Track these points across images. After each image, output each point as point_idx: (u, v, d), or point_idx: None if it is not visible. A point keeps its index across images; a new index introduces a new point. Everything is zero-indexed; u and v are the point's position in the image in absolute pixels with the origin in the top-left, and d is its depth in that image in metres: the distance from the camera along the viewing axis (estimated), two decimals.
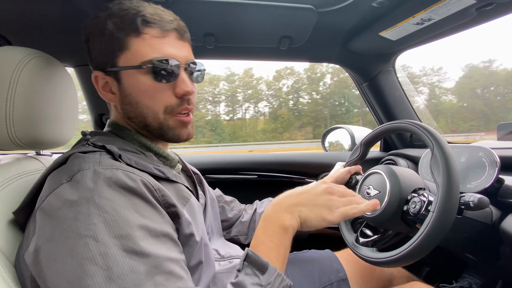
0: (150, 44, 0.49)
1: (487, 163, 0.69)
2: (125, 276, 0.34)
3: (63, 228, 0.36)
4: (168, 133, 0.53)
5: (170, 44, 0.50)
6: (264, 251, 0.46)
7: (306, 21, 0.85)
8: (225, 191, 0.90)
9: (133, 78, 0.50)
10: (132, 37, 0.48)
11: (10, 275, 0.41)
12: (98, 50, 0.51)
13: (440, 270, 1.05)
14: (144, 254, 0.37)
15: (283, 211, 0.50)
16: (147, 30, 0.49)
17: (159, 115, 0.51)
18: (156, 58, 0.48)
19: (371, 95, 1.21)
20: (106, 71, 0.51)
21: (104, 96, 0.54)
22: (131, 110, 0.52)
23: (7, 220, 0.46)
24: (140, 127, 0.54)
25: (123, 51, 0.49)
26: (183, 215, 0.47)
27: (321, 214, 0.51)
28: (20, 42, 0.82)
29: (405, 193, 0.64)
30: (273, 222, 0.49)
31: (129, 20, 0.48)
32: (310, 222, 0.50)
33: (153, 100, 0.50)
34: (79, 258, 0.34)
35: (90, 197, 0.37)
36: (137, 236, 0.37)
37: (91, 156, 0.43)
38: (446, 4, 0.69)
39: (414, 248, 0.53)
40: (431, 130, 0.60)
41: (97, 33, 0.50)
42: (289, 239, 0.49)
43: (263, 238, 0.48)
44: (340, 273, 0.79)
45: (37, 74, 0.53)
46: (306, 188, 0.54)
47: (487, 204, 0.55)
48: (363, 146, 0.80)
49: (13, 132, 0.51)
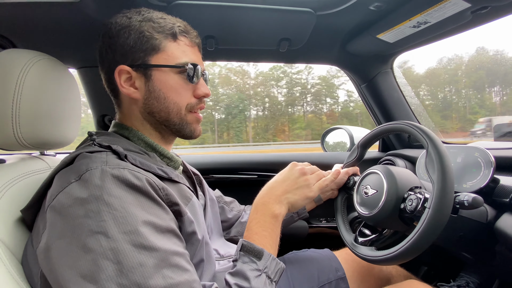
0: (183, 50, 0.56)
1: (482, 163, 0.70)
2: (135, 269, 0.36)
3: (75, 225, 0.38)
4: (185, 128, 0.59)
5: (195, 54, 0.59)
6: (258, 240, 0.53)
7: (305, 24, 0.86)
8: (225, 191, 0.91)
9: (166, 76, 0.55)
10: (169, 41, 0.55)
11: (17, 271, 0.42)
12: (129, 46, 0.53)
13: (437, 269, 1.06)
14: (152, 248, 0.38)
15: (273, 201, 0.59)
16: (182, 38, 0.56)
17: (181, 110, 0.57)
18: (189, 62, 0.55)
19: (370, 96, 1.22)
20: (135, 66, 0.54)
21: (125, 90, 0.55)
22: (156, 105, 0.56)
23: (14, 218, 0.47)
24: (160, 122, 0.57)
25: (158, 51, 0.54)
26: (186, 214, 0.49)
27: (304, 193, 0.63)
28: (25, 44, 0.83)
29: (402, 191, 0.65)
30: (264, 213, 0.58)
31: (168, 26, 0.55)
32: (296, 203, 0.62)
33: (180, 97, 0.56)
34: (91, 253, 0.36)
35: (99, 195, 0.39)
36: (145, 231, 0.39)
37: (98, 156, 0.45)
38: (442, 8, 0.70)
39: (412, 244, 0.54)
40: (425, 130, 0.61)
41: (131, 31, 0.53)
42: (279, 226, 0.58)
43: (256, 228, 0.55)
44: (339, 272, 0.80)
45: (42, 76, 0.55)
46: (285, 176, 0.65)
47: (481, 203, 0.56)
48: (360, 147, 0.81)
49: (19, 133, 0.52)
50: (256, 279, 0.47)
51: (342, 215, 0.81)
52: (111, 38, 0.54)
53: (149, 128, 0.58)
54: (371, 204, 0.70)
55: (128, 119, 0.58)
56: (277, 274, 0.51)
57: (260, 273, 0.48)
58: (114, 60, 0.54)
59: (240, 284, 0.47)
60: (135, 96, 0.55)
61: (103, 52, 0.55)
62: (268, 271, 0.49)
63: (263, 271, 0.49)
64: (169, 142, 0.62)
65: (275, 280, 0.51)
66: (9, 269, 0.41)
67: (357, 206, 0.78)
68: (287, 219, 0.84)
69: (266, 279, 0.49)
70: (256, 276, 0.48)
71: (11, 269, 0.42)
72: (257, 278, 0.48)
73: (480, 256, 0.75)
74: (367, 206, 0.73)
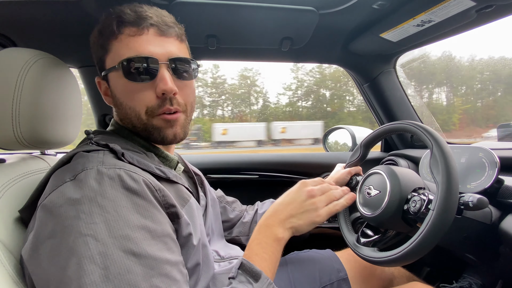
0: (126, 44, 0.48)
1: (487, 163, 0.69)
2: (122, 276, 0.35)
3: (65, 226, 0.36)
4: (153, 134, 0.52)
5: (147, 41, 0.48)
6: (258, 261, 0.50)
7: (307, 23, 0.85)
8: (227, 190, 0.90)
9: (116, 80, 0.51)
10: (112, 40, 0.50)
11: (16, 272, 0.42)
12: (95, 58, 0.55)
13: (440, 270, 1.05)
14: (142, 255, 0.37)
15: (276, 225, 0.56)
16: (123, 30, 0.48)
17: (141, 116, 0.50)
18: (130, 57, 0.47)
19: (372, 95, 1.21)
20: (102, 76, 0.55)
21: (106, 100, 0.57)
22: (119, 112, 0.54)
23: (13, 218, 0.47)
24: (130, 128, 0.55)
25: (107, 54, 0.52)
26: (182, 216, 0.48)
27: (309, 218, 0.58)
28: (25, 43, 0.83)
29: (405, 192, 0.65)
30: (267, 235, 0.54)
31: (107, 24, 0.50)
32: (301, 228, 0.58)
33: (134, 101, 0.50)
34: (78, 255, 0.35)
35: (93, 196, 0.38)
36: (137, 237, 0.38)
37: (94, 155, 0.44)
38: (446, 6, 0.70)
39: (415, 246, 0.54)
40: (430, 130, 0.60)
41: (92, 42, 0.54)
42: (281, 250, 0.55)
43: (257, 250, 0.52)
44: (341, 273, 0.79)
45: (43, 75, 0.54)
46: (291, 198, 0.60)
47: (486, 204, 0.55)
48: (363, 147, 0.80)
49: (19, 132, 0.52)
50: None
51: (344, 216, 0.80)
52: (91, 48, 0.56)
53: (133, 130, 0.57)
54: (374, 204, 0.70)
55: None
56: None
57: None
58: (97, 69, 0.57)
59: None
60: (111, 104, 0.56)
61: None
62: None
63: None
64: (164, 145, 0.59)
65: None
66: (7, 269, 0.41)
67: (360, 206, 0.77)
68: None
69: None
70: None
71: (10, 269, 0.41)
72: None
73: (484, 257, 0.74)
74: (370, 206, 0.72)
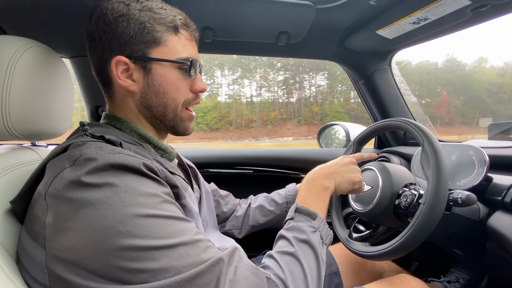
0: (184, 44, 0.55)
1: (476, 161, 0.70)
2: (145, 236, 0.36)
3: (79, 206, 0.37)
4: (180, 125, 0.58)
5: (194, 48, 0.58)
6: (311, 205, 0.56)
7: (304, 18, 0.85)
8: (220, 185, 0.90)
9: (166, 70, 0.53)
10: (170, 34, 0.53)
11: (8, 265, 0.41)
12: (128, 37, 0.50)
13: (428, 265, 1.08)
14: (160, 216, 0.39)
15: (322, 177, 0.62)
16: (182, 32, 0.55)
17: (178, 106, 0.56)
18: (189, 57, 0.55)
19: (367, 92, 1.22)
20: (134, 58, 0.51)
21: (122, 82, 0.52)
22: (154, 100, 0.54)
23: (3, 210, 0.46)
24: (156, 116, 0.56)
25: (158, 44, 0.52)
26: (185, 197, 0.49)
27: (350, 178, 0.63)
28: (16, 31, 0.81)
29: (396, 187, 0.66)
30: (315, 184, 0.61)
31: (169, 18, 0.53)
32: (343, 185, 0.63)
33: (179, 92, 0.56)
34: (98, 229, 0.35)
35: (96, 174, 0.38)
36: (150, 202, 0.39)
37: (91, 143, 0.43)
38: (442, 5, 0.70)
39: (405, 240, 0.55)
40: (421, 127, 0.61)
41: (130, 20, 0.50)
42: (328, 197, 0.60)
43: (308, 196, 0.59)
44: (332, 267, 0.81)
45: (34, 64, 0.53)
46: (334, 161, 0.66)
47: (475, 201, 0.57)
48: (356, 144, 0.81)
49: (9, 122, 0.51)
50: (312, 234, 0.50)
51: (336, 211, 0.81)
52: (107, 25, 0.50)
53: (144, 122, 0.57)
54: (366, 200, 0.71)
55: (121, 110, 0.56)
56: (328, 238, 0.54)
57: (315, 230, 0.51)
58: (110, 49, 0.51)
59: (297, 236, 0.50)
60: (132, 89, 0.53)
61: (95, 38, 0.52)
62: (321, 231, 0.52)
63: (317, 229, 0.52)
64: (162, 137, 0.61)
65: (326, 243, 0.53)
66: None
67: (352, 202, 0.78)
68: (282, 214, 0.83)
69: (320, 238, 0.51)
70: (312, 232, 0.51)
71: (2, 262, 0.41)
72: (313, 233, 0.50)
73: (471, 252, 0.76)
74: (362, 202, 0.73)
